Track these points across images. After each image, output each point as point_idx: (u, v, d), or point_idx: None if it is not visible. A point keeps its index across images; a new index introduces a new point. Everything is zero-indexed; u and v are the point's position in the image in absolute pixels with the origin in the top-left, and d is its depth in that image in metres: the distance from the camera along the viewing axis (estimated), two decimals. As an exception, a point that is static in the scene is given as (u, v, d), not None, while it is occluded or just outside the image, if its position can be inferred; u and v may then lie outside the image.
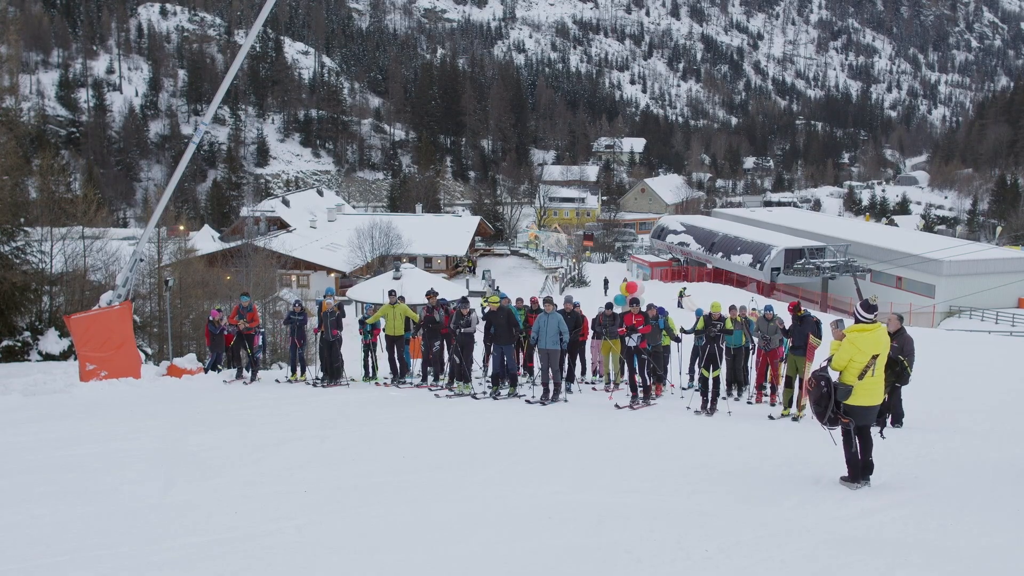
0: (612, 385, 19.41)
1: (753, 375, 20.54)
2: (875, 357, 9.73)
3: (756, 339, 19.78)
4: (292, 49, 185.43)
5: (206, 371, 19.19)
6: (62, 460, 10.26)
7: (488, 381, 18.77)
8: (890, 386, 13.14)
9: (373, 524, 8.04)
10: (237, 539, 7.41)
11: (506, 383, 17.92)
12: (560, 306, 18.92)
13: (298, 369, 20.16)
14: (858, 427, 9.98)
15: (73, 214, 37.90)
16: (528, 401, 16.47)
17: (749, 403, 18.71)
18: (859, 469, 10.03)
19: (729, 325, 16.64)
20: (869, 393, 9.82)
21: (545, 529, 8.00)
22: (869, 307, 9.96)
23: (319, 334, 19.66)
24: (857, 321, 9.96)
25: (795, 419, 15.81)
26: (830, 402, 9.82)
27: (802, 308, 16.74)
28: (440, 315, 18.80)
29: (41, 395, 16.23)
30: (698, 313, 18.63)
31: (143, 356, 17.39)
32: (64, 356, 27.23)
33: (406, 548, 7.32)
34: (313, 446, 11.65)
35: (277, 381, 19.79)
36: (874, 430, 10.18)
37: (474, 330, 18.03)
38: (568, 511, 8.64)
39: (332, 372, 19.36)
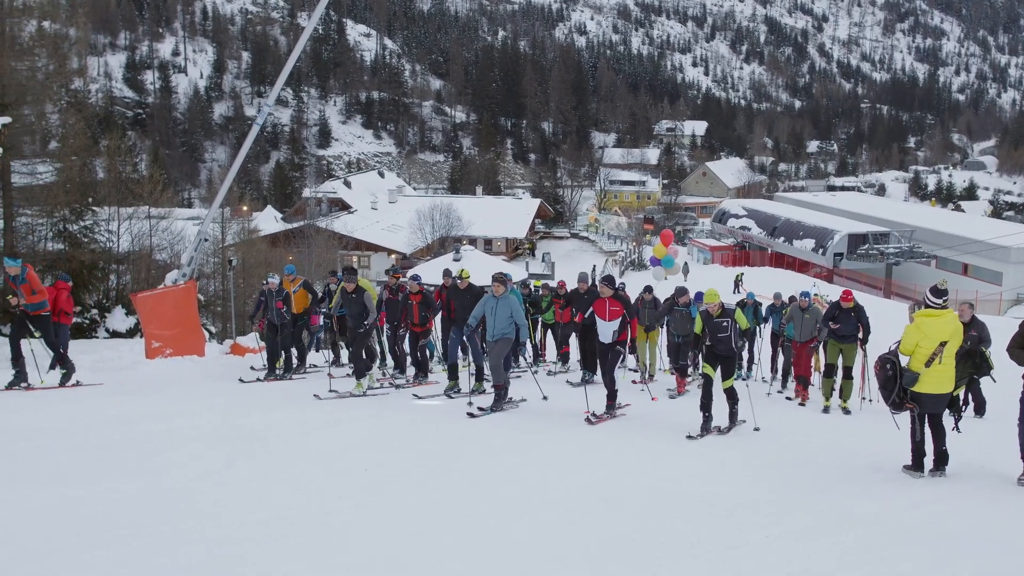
0: (648, 376, 18.34)
1: (762, 363, 20.45)
2: (943, 344, 9.50)
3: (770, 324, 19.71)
4: (354, 31, 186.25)
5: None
6: (126, 436, 10.40)
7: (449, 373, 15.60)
8: (967, 377, 12.68)
9: (429, 505, 8.05)
10: (296, 517, 7.46)
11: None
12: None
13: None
14: (928, 415, 9.78)
15: (139, 194, 38.46)
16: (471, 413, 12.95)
17: (788, 398, 17.56)
18: (922, 458, 9.85)
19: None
20: (938, 381, 9.60)
21: (599, 514, 7.96)
22: (938, 292, 9.71)
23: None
24: (926, 306, 9.74)
25: (847, 412, 15.43)
26: (895, 386, 9.64)
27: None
28: (403, 297, 16.58)
29: (108, 372, 16.46)
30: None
31: (207, 335, 17.57)
32: (130, 334, 27.64)
33: (461, 530, 7.32)
34: (369, 427, 11.69)
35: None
36: (948, 421, 9.97)
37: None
38: (622, 496, 8.60)
39: (287, 361, 17.30)
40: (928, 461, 9.85)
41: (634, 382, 17.81)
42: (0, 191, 29.29)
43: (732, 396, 12.76)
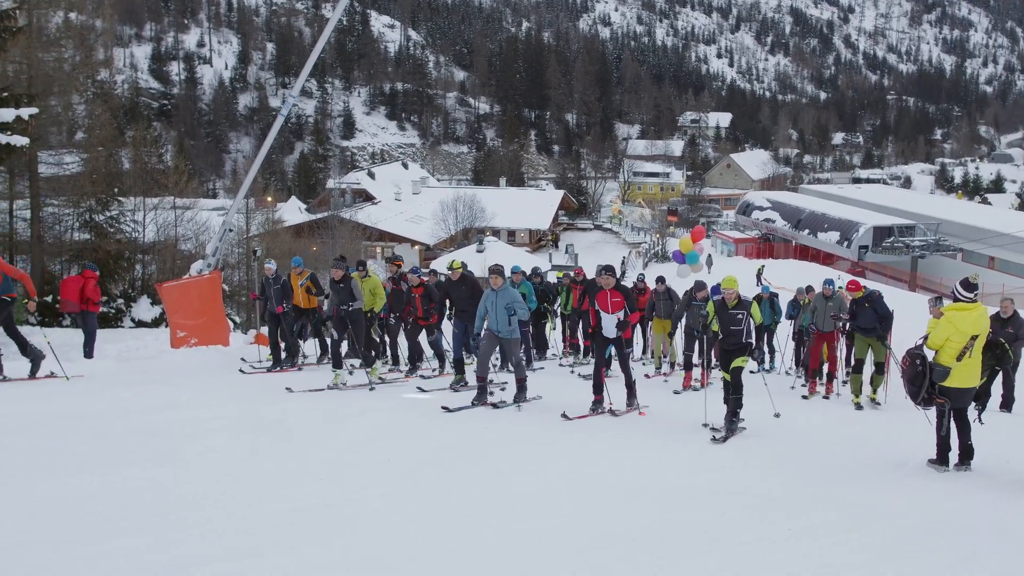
0: (670, 368, 18.16)
1: (785, 356, 20.08)
2: (974, 338, 9.42)
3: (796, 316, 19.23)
4: (378, 23, 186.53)
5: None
6: (151, 425, 10.45)
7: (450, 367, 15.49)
8: (989, 369, 12.54)
9: (454, 495, 8.05)
10: (321, 506, 7.48)
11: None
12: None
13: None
14: (954, 410, 9.70)
15: (165, 185, 38.64)
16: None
17: (804, 397, 16.32)
18: (947, 452, 9.78)
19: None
20: (965, 375, 9.53)
21: (622, 506, 7.94)
22: (969, 286, 9.61)
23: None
24: (956, 300, 9.65)
25: (876, 403, 15.04)
26: (925, 381, 9.56)
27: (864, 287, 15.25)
28: (407, 287, 16.27)
29: (134, 360, 16.56)
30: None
31: (232, 324, 17.64)
32: (156, 323, 27.79)
33: (485, 520, 7.31)
34: (394, 417, 11.70)
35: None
36: (971, 413, 9.89)
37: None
38: (643, 489, 8.58)
39: (289, 351, 16.81)
40: (953, 455, 9.78)
41: (647, 376, 17.58)
42: (28, 181, 29.49)
43: (737, 387, 11.71)
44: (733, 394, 11.64)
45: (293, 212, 77.62)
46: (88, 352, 17.20)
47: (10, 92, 19.18)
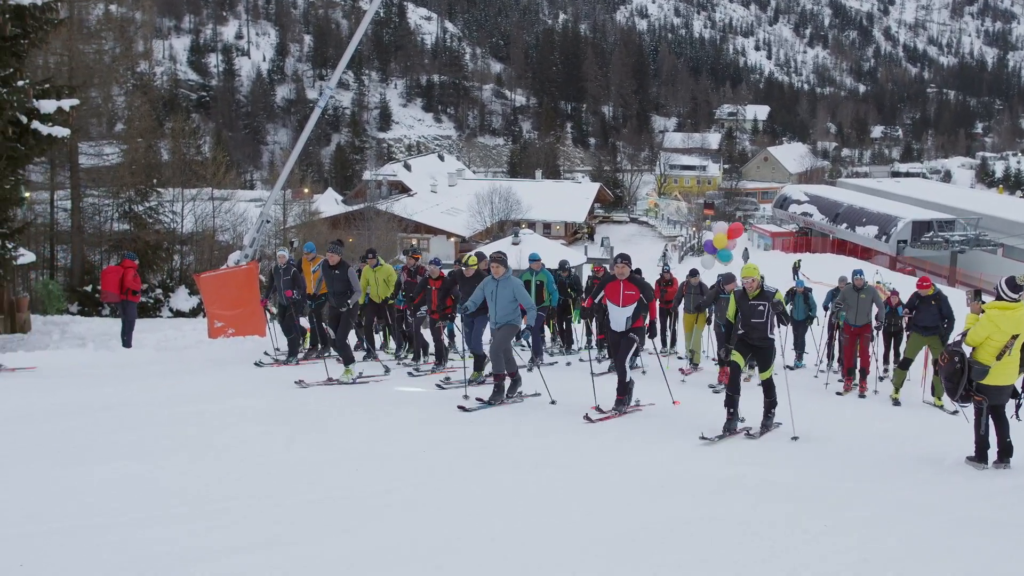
0: (691, 365, 17.41)
1: (799, 351, 19.37)
2: (1014, 337, 9.31)
3: (829, 309, 18.27)
4: (415, 14, 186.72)
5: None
6: (188, 415, 10.54)
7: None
8: None
9: (485, 489, 8.06)
10: (355, 497, 7.52)
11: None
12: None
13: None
14: (992, 407, 9.60)
15: (203, 176, 38.96)
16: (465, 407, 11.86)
17: (838, 393, 15.72)
18: (986, 450, 9.69)
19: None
20: (1004, 372, 9.44)
21: (657, 499, 7.92)
22: (1016, 286, 9.42)
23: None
24: (999, 298, 9.52)
25: (939, 406, 14.36)
26: (963, 379, 9.46)
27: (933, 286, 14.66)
28: (422, 280, 15.68)
29: (172, 351, 16.70)
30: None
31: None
32: (193, 313, 28.02)
33: (515, 514, 7.31)
34: (429, 408, 11.72)
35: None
36: (1009, 410, 9.78)
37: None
38: (680, 482, 8.55)
39: (290, 344, 16.21)
40: (992, 453, 9.68)
41: (682, 371, 17.00)
42: (68, 172, 29.80)
43: (769, 392, 11.19)
44: (767, 397, 11.21)
45: (329, 204, 77.91)
46: (126, 341, 17.39)
47: (51, 84, 19.36)
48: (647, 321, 12.20)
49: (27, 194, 26.33)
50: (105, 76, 31.30)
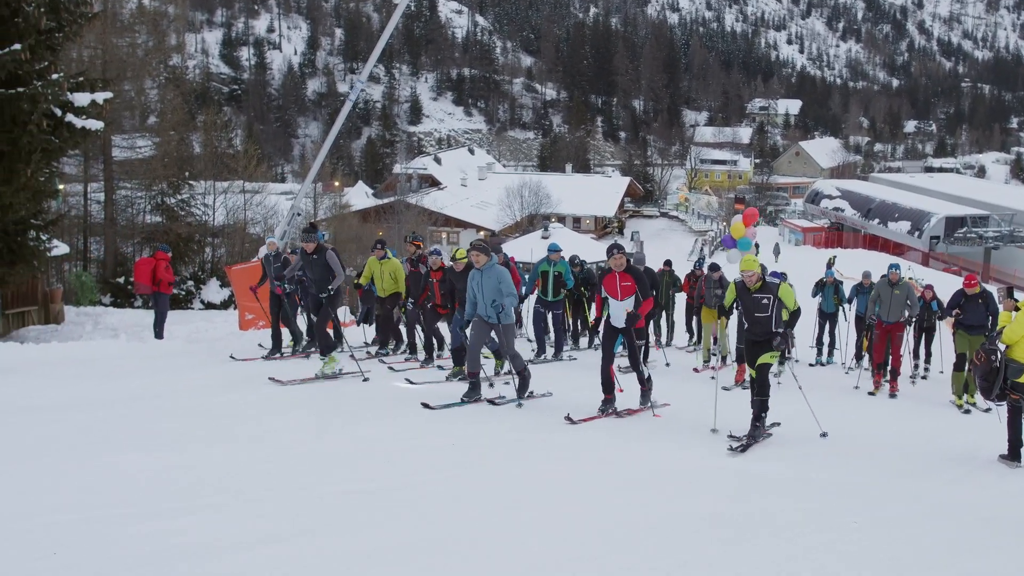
0: (720, 362, 16.71)
1: (846, 348, 18.96)
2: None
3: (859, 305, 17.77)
4: (446, 8, 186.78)
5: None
6: (219, 406, 10.60)
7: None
8: None
9: (515, 480, 8.04)
10: (387, 488, 7.52)
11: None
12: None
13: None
14: (1025, 406, 9.51)
15: (234, 169, 39.22)
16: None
17: (870, 393, 15.12)
18: (1019, 448, 9.59)
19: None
20: (1039, 371, 9.35)
21: (685, 494, 7.89)
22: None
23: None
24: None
25: (967, 412, 13.84)
26: (999, 377, 9.36)
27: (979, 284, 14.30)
28: (426, 271, 14.86)
29: (202, 342, 16.78)
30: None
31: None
32: (224, 305, 28.20)
33: (547, 505, 7.30)
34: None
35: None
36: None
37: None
38: (709, 477, 8.52)
39: (294, 336, 15.73)
40: (1025, 451, 9.60)
41: (696, 370, 16.54)
42: (102, 164, 30.07)
43: (761, 387, 10.32)
44: (758, 395, 10.27)
45: (360, 197, 78.18)
46: (158, 333, 17.52)
47: (85, 77, 19.53)
48: (647, 322, 11.29)
49: (61, 186, 26.61)
50: (138, 69, 31.57)
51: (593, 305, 16.99)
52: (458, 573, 5.73)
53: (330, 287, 12.99)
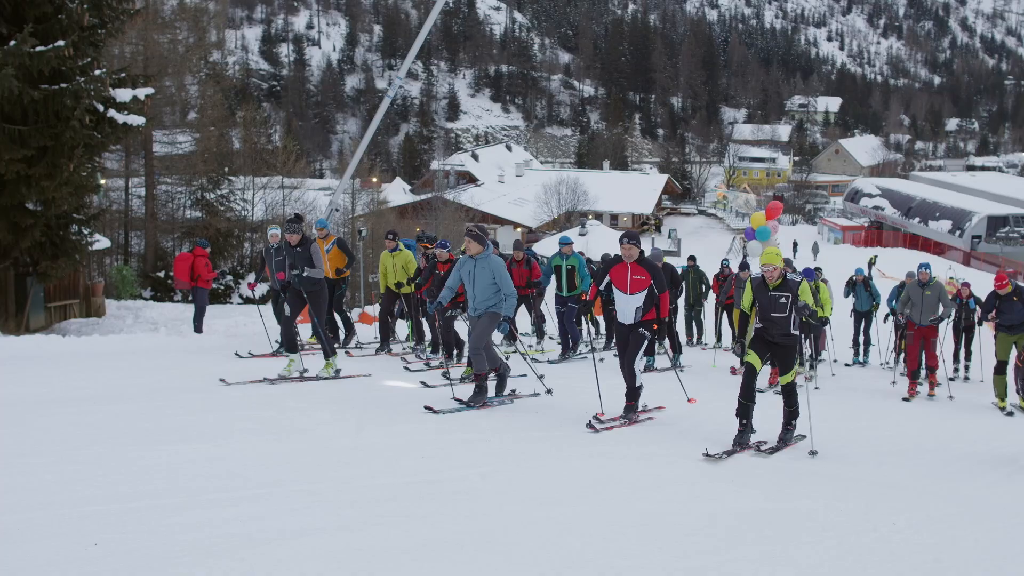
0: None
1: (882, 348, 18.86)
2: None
3: (893, 306, 17.14)
4: (484, 4, 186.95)
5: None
6: (260, 398, 10.66)
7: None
8: None
9: (554, 477, 8.03)
10: (423, 482, 7.53)
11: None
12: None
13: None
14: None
15: (273, 164, 39.46)
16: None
17: (904, 399, 14.38)
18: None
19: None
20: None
21: (726, 493, 7.85)
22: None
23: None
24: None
25: (1010, 414, 13.38)
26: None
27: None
28: (429, 264, 14.49)
29: (241, 336, 16.89)
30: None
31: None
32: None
33: (584, 502, 7.28)
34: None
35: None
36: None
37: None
38: (750, 476, 8.47)
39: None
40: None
41: (734, 370, 15.76)
42: (143, 159, 30.36)
43: (790, 399, 9.69)
44: (787, 406, 9.69)
45: (398, 193, 78.43)
46: (197, 327, 17.67)
47: (127, 73, 19.74)
48: (659, 314, 10.12)
49: (103, 181, 26.89)
50: (179, 65, 31.84)
51: (583, 300, 15.15)
52: (499, 569, 5.73)
53: (303, 274, 12.28)
